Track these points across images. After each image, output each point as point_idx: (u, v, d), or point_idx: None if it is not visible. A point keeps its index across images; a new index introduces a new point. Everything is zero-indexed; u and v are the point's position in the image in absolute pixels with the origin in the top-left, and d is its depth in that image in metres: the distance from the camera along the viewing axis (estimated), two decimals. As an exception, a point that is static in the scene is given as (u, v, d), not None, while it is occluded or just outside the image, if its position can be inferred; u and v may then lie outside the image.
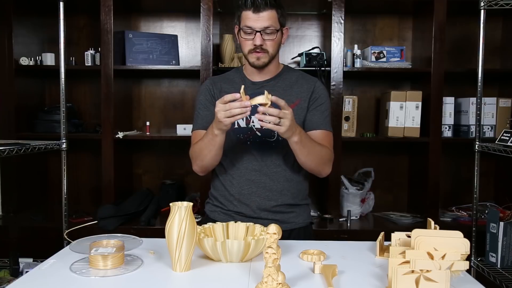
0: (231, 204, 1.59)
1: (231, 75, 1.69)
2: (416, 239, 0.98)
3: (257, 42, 1.49)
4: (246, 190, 1.57)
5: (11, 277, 2.18)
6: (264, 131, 1.56)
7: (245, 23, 1.50)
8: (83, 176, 2.79)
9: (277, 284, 1.01)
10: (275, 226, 1.02)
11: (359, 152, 2.78)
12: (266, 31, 1.49)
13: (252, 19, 1.48)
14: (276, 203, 1.57)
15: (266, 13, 1.48)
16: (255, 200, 1.56)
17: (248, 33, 1.50)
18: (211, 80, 1.68)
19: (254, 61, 1.54)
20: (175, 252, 1.14)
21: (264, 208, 1.57)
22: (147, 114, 2.79)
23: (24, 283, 1.09)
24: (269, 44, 1.52)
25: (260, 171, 1.57)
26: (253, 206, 1.56)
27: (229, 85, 1.63)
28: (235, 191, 1.58)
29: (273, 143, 1.57)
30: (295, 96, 1.59)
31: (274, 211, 1.57)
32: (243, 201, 1.57)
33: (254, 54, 1.53)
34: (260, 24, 1.48)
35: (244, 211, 1.57)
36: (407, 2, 2.59)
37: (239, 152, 1.58)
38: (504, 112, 2.55)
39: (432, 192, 2.44)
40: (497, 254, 2.00)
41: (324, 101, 1.61)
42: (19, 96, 2.50)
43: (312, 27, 2.77)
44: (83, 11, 2.73)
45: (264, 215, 1.56)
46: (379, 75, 2.72)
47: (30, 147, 1.89)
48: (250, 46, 1.52)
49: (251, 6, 1.48)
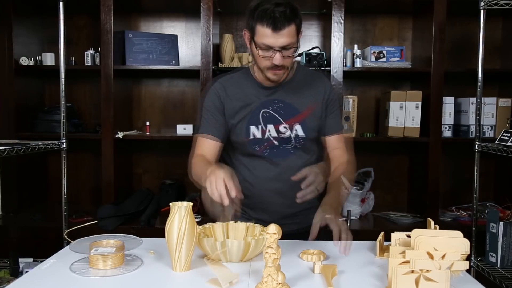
0: (252, 211, 1.57)
1: (240, 77, 1.56)
2: (416, 239, 0.98)
3: (277, 62, 1.37)
4: (266, 199, 1.54)
5: (11, 277, 2.18)
6: (281, 140, 1.51)
7: (262, 41, 1.35)
8: (83, 176, 2.79)
9: (277, 284, 1.01)
10: (275, 226, 1.02)
11: (359, 152, 2.75)
12: (286, 48, 1.36)
13: (271, 37, 1.33)
14: (296, 210, 1.55)
15: (286, 30, 1.33)
16: (276, 209, 1.54)
17: (265, 50, 1.37)
18: (221, 85, 1.54)
19: (272, 78, 1.44)
20: (175, 252, 1.14)
21: (285, 216, 1.54)
22: (147, 114, 2.79)
23: (24, 283, 1.09)
24: (287, 61, 1.40)
25: (279, 180, 1.52)
26: (274, 214, 1.53)
27: (238, 90, 1.53)
28: (256, 200, 1.55)
29: (291, 150, 1.53)
30: (308, 100, 1.52)
31: (294, 216, 1.56)
32: (264, 210, 1.55)
33: (272, 71, 1.41)
34: (280, 43, 1.34)
35: (265, 218, 1.52)
36: (407, 2, 2.59)
37: (257, 161, 1.53)
38: (504, 112, 2.55)
39: (432, 192, 2.44)
40: (497, 254, 2.00)
41: (337, 104, 1.58)
42: (19, 96, 2.50)
43: (312, 27, 2.77)
44: (83, 11, 2.73)
45: (284, 221, 1.47)
46: (379, 75, 2.72)
47: (30, 147, 1.89)
48: (268, 64, 1.39)
49: (270, 25, 1.32)
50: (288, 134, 1.50)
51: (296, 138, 1.51)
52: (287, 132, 1.50)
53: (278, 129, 1.50)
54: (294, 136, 1.51)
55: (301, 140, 1.52)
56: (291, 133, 1.50)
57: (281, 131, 1.50)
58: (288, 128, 1.50)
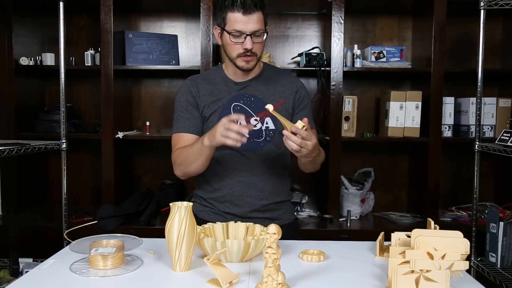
0: (222, 205, 1.58)
1: (211, 74, 1.64)
2: (416, 239, 0.98)
3: (248, 46, 1.44)
4: (237, 192, 1.56)
5: (11, 277, 2.18)
6: (252, 133, 1.53)
7: (233, 27, 1.43)
8: (83, 176, 2.79)
9: (277, 284, 1.01)
10: (275, 226, 1.02)
11: (359, 152, 2.78)
12: (256, 34, 1.45)
13: (242, 22, 1.42)
14: (267, 202, 1.57)
15: (255, 15, 1.43)
16: (247, 200, 1.56)
17: (237, 37, 1.45)
18: (192, 81, 1.61)
19: (243, 65, 1.50)
20: (175, 252, 1.14)
21: (255, 209, 1.56)
22: (147, 114, 2.79)
23: (24, 283, 1.09)
24: (257, 47, 1.47)
25: (250, 172, 1.55)
26: (244, 207, 1.56)
27: (210, 86, 1.59)
28: (225, 192, 1.56)
29: (261, 143, 1.56)
30: (279, 95, 1.59)
31: (264, 210, 1.57)
32: (235, 202, 1.56)
33: (244, 58, 1.48)
34: (250, 27, 1.43)
35: (235, 211, 1.56)
36: (407, 2, 2.59)
37: (227, 154, 1.55)
38: (504, 112, 2.55)
39: (432, 192, 2.44)
40: (497, 254, 2.00)
41: (308, 101, 1.64)
42: (19, 96, 2.50)
43: (312, 27, 2.77)
44: (83, 11, 2.73)
45: (255, 215, 1.56)
46: (379, 75, 2.72)
47: (30, 147, 1.89)
48: (239, 50, 1.47)
49: (240, 8, 1.41)
50: (259, 126, 1.55)
51: (266, 130, 1.56)
52: (258, 124, 1.55)
53: (249, 122, 1.54)
54: (265, 129, 1.56)
55: (271, 132, 1.56)
56: (262, 125, 1.55)
57: (252, 123, 1.55)
58: (259, 121, 1.55)
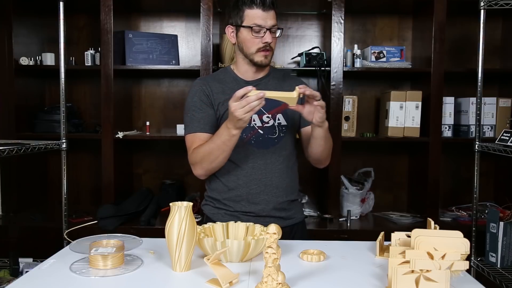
0: (238, 205, 1.57)
1: (220, 75, 1.65)
2: (416, 239, 0.98)
3: (268, 40, 1.50)
4: (254, 190, 1.56)
5: (11, 277, 2.18)
6: (266, 129, 1.56)
7: (254, 22, 1.49)
8: (83, 176, 2.80)
9: (277, 284, 1.01)
10: (275, 226, 1.02)
11: (359, 152, 2.78)
12: (272, 30, 1.51)
13: (262, 17, 1.49)
14: (282, 199, 1.58)
15: (272, 12, 1.50)
16: (264, 198, 1.56)
17: (257, 32, 1.50)
18: (203, 80, 1.63)
19: (262, 60, 1.54)
20: (175, 252, 1.14)
21: (272, 206, 1.57)
22: (147, 114, 2.79)
23: (24, 283, 1.09)
24: (274, 42, 1.54)
25: (266, 169, 1.56)
26: (262, 204, 1.56)
27: (222, 85, 1.60)
28: (242, 191, 1.56)
29: (276, 140, 1.57)
30: None
31: (280, 208, 1.58)
32: (252, 200, 1.56)
33: (263, 53, 1.52)
34: (270, 22, 1.50)
35: (253, 210, 1.56)
36: (407, 2, 2.59)
37: (242, 152, 1.56)
38: (504, 112, 2.55)
39: (432, 192, 2.44)
40: (497, 254, 2.00)
41: None
42: (19, 96, 2.50)
43: (312, 27, 2.77)
44: (83, 11, 2.73)
45: (273, 213, 1.56)
46: (379, 75, 2.72)
47: (30, 147, 1.89)
48: (259, 45, 1.51)
49: (260, 5, 1.48)
50: (272, 123, 1.57)
51: (279, 126, 1.58)
52: (271, 121, 1.57)
53: (262, 118, 1.57)
54: (277, 125, 1.58)
55: (284, 128, 1.59)
56: (274, 121, 1.58)
57: (265, 121, 1.57)
58: (271, 118, 1.57)
